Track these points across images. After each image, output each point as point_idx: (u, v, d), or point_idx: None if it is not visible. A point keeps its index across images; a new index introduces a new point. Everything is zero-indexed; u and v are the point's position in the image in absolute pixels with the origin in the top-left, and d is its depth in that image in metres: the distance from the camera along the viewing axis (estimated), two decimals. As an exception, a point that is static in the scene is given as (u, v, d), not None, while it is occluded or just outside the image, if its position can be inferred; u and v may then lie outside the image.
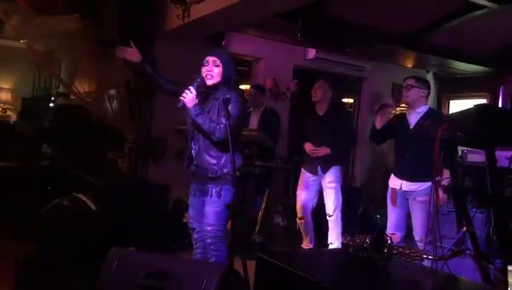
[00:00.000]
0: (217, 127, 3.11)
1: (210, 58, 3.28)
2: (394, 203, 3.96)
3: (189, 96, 3.13)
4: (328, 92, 4.99)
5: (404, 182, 3.91)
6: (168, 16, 5.20)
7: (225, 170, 3.20)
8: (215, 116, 3.20)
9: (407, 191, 3.90)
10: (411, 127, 3.99)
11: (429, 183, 3.68)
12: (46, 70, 7.05)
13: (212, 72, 3.25)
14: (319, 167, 4.91)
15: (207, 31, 5.41)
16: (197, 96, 3.18)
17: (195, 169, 3.32)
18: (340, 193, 4.91)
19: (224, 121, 3.07)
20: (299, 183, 5.05)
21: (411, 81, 4.02)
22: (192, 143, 3.33)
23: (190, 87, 3.14)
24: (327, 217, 4.90)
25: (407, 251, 2.28)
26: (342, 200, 4.91)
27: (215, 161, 3.22)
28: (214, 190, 3.23)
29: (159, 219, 4.42)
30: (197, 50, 5.75)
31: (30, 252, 3.78)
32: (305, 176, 5.02)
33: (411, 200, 3.88)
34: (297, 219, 5.05)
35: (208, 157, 3.24)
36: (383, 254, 2.23)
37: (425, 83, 4.09)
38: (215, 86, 3.26)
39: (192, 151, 3.32)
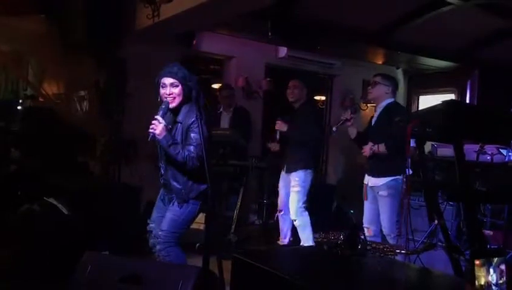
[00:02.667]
0: (189, 157, 3.07)
1: (166, 80, 3.16)
2: (365, 198, 4.14)
3: (159, 127, 3.04)
4: (303, 91, 4.99)
5: (371, 178, 4.08)
6: (137, 15, 5.15)
7: (191, 195, 3.21)
8: (178, 137, 3.17)
9: (372, 187, 4.06)
10: (373, 122, 4.17)
11: (389, 178, 3.90)
12: (13, 72, 6.88)
13: (173, 94, 3.16)
14: (284, 165, 4.95)
15: (177, 30, 5.38)
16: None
17: (163, 182, 3.35)
18: (302, 197, 4.78)
19: (193, 151, 3.06)
20: (280, 177, 5.08)
21: (377, 78, 4.18)
22: (160, 161, 3.33)
23: (157, 117, 3.06)
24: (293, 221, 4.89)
25: (381, 246, 2.31)
26: (307, 202, 4.81)
27: (180, 187, 3.22)
28: (178, 200, 3.24)
29: (132, 221, 4.37)
30: (167, 49, 5.77)
31: (1, 259, 3.69)
32: (282, 171, 5.06)
33: (377, 195, 4.03)
34: (277, 211, 5.11)
35: (174, 183, 3.23)
36: (357, 250, 2.26)
37: (391, 80, 4.22)
38: (179, 107, 3.20)
39: (161, 168, 3.33)
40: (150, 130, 3.03)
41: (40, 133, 5.75)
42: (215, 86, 7.13)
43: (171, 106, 3.16)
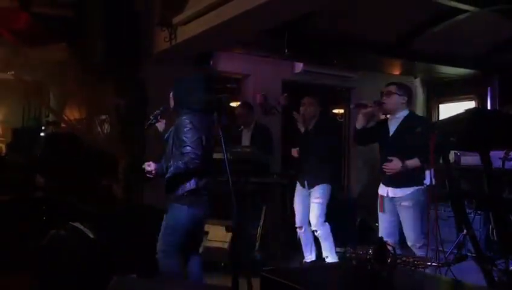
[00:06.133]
0: (188, 160, 3.23)
1: None
2: (382, 210, 4.01)
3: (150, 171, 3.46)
4: (318, 108, 5.02)
5: (390, 188, 3.94)
6: (155, 39, 5.22)
7: (176, 194, 3.38)
8: (170, 142, 3.42)
9: (393, 198, 3.93)
10: (391, 133, 4.02)
11: (413, 188, 3.81)
12: (35, 100, 7.03)
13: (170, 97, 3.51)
14: (305, 181, 4.94)
15: (194, 51, 5.44)
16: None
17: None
18: (324, 209, 4.86)
19: (190, 151, 3.24)
20: (295, 194, 5.09)
21: (392, 88, 4.04)
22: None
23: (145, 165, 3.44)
24: (314, 233, 4.91)
25: (411, 259, 2.27)
26: (328, 215, 4.88)
27: (167, 183, 3.43)
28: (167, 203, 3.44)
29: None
30: (185, 71, 5.82)
31: (29, 286, 3.73)
32: (297, 187, 5.07)
33: (398, 206, 3.91)
34: (297, 229, 5.08)
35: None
36: (386, 264, 2.22)
37: (406, 89, 4.09)
38: (175, 110, 3.48)
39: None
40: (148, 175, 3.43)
41: (63, 158, 5.83)
42: (233, 104, 7.16)
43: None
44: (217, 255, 4.65)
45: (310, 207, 4.89)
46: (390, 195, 3.93)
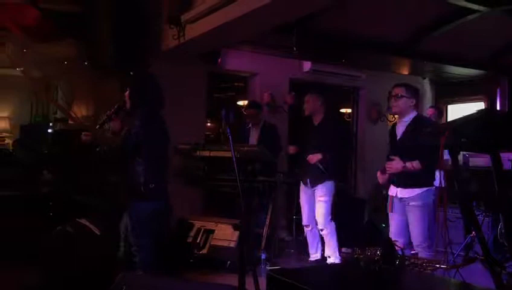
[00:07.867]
0: None
1: None
2: (391, 210, 4.02)
3: None
4: (317, 103, 4.97)
5: (399, 189, 3.95)
6: (163, 36, 5.21)
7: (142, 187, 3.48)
8: None
9: (402, 198, 3.94)
10: (398, 136, 4.03)
11: (421, 189, 3.83)
12: (43, 96, 7.04)
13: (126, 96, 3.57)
14: (307, 180, 4.93)
15: (202, 49, 5.43)
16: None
17: None
18: (330, 207, 4.85)
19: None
20: (300, 192, 5.09)
21: (401, 90, 4.00)
22: None
23: None
24: (320, 231, 4.90)
25: (419, 261, 2.24)
26: (335, 214, 4.88)
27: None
28: None
29: (164, 240, 4.38)
30: (193, 69, 5.82)
31: (35, 281, 3.73)
32: (301, 185, 5.08)
33: (406, 206, 3.92)
34: (304, 228, 5.08)
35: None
36: (395, 265, 2.20)
37: (414, 92, 4.07)
38: (131, 110, 3.56)
39: None
40: None
41: (70, 155, 5.84)
42: (241, 102, 7.16)
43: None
44: (223, 253, 4.65)
45: (316, 206, 4.89)
46: (399, 195, 3.94)
